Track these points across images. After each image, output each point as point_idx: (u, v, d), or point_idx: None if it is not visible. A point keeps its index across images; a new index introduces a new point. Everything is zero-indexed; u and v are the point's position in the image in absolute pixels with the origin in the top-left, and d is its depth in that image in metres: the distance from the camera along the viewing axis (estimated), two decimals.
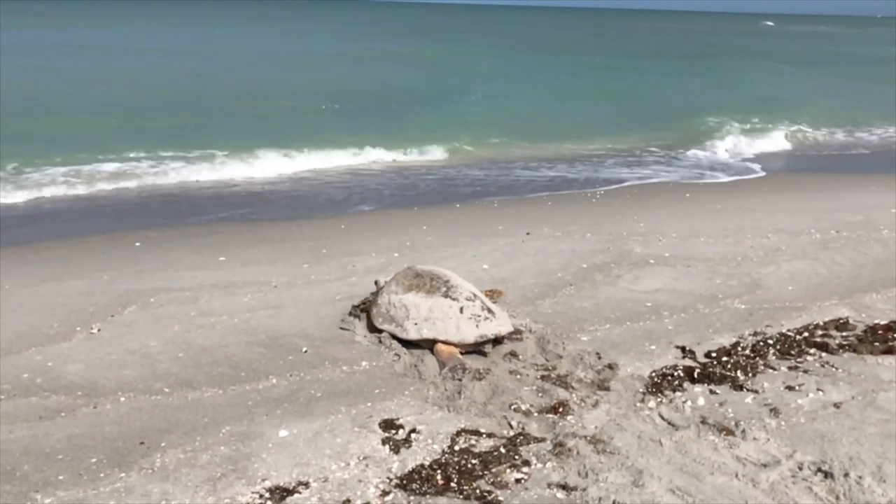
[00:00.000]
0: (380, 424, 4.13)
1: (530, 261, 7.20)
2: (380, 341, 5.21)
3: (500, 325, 5.03)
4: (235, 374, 4.78)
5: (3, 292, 6.33)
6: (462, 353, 4.94)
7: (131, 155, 12.56)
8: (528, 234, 8.26)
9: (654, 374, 4.72)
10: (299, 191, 11.29)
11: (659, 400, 4.36)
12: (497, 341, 5.05)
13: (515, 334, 5.16)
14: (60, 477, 3.65)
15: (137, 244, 7.99)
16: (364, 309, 5.57)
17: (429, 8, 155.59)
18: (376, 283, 5.70)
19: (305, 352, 5.11)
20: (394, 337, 5.12)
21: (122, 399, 4.44)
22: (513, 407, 4.29)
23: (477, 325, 4.93)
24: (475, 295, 5.15)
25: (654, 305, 6.00)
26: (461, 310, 4.97)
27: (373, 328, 5.30)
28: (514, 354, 5.01)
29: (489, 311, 5.05)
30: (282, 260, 7.35)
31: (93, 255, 7.54)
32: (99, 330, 5.44)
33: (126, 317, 5.72)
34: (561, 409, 4.24)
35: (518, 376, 4.70)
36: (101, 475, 3.66)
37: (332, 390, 4.56)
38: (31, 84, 20.43)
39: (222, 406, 4.37)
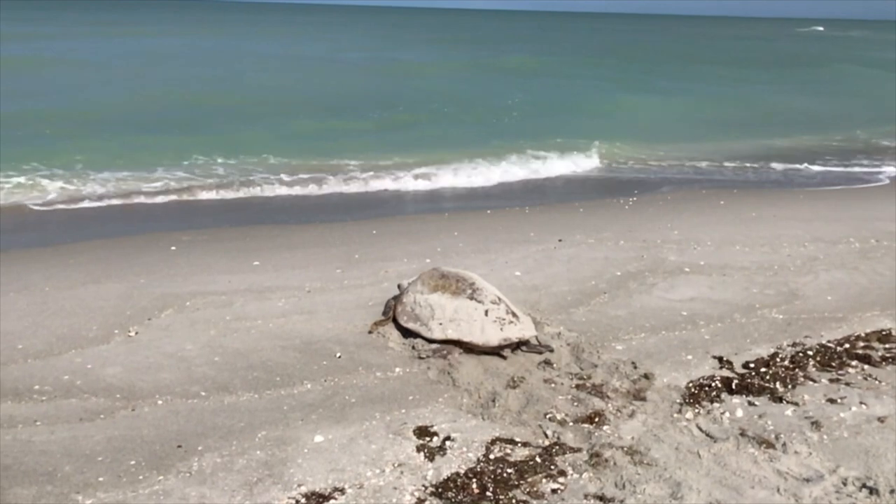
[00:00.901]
0: (414, 431, 4.12)
1: (563, 268, 7.15)
2: (413, 347, 5.22)
3: (523, 329, 5.06)
4: (271, 378, 4.81)
5: (44, 295, 6.44)
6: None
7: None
8: (560, 240, 8.22)
9: (691, 385, 4.66)
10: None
11: (696, 411, 4.30)
12: (520, 345, 5.08)
13: (544, 347, 5.17)
14: (100, 479, 3.69)
15: (173, 248, 8.08)
16: (389, 309, 5.64)
17: (446, 14, 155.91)
18: (399, 286, 5.73)
19: (339, 357, 5.12)
20: (418, 335, 5.18)
21: (160, 402, 4.49)
22: (548, 416, 4.26)
23: (501, 329, 4.98)
24: (500, 298, 5.19)
25: (689, 314, 5.93)
26: (486, 312, 5.03)
27: (398, 326, 5.38)
28: (548, 363, 4.98)
29: (514, 314, 5.10)
30: (314, 265, 7.39)
31: (129, 259, 7.64)
32: (136, 333, 5.51)
33: (163, 320, 5.79)
34: (597, 419, 4.20)
35: (553, 385, 4.66)
36: (140, 477, 3.70)
37: (366, 396, 4.57)
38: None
39: (258, 410, 4.40)
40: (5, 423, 4.24)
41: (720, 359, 5.05)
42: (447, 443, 4.00)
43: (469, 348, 5.05)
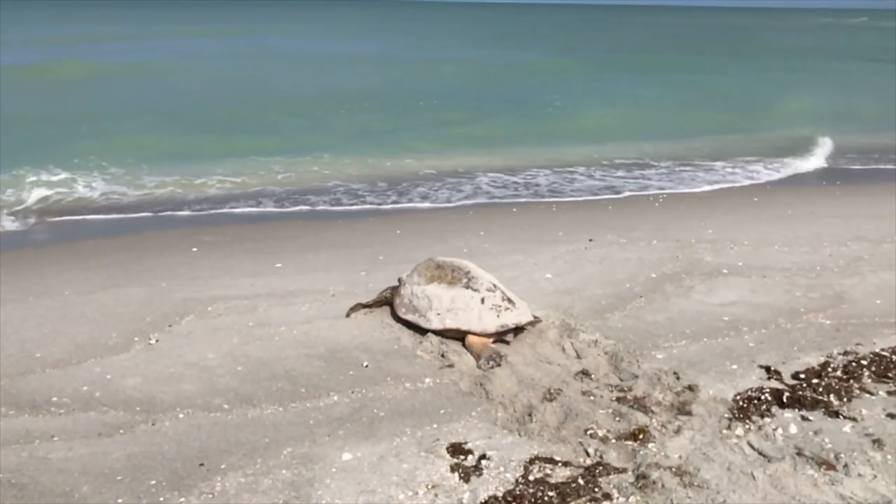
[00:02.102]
0: (447, 449, 3.90)
1: (595, 270, 6.90)
2: (442, 356, 5.01)
3: (520, 314, 5.12)
4: (296, 390, 4.61)
5: (64, 299, 6.30)
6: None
7: None
8: (590, 240, 7.96)
9: (738, 397, 4.39)
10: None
11: (747, 427, 4.04)
12: (518, 330, 5.15)
13: (536, 319, 5.29)
14: (119, 500, 3.51)
15: (194, 249, 7.93)
16: (385, 299, 5.69)
17: (448, 7, 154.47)
18: (399, 279, 5.68)
19: (366, 366, 4.92)
20: (416, 327, 5.27)
21: (181, 416, 4.31)
22: (588, 432, 4.02)
23: (498, 315, 5.04)
24: (495, 286, 5.24)
25: (731, 320, 5.65)
26: (482, 300, 5.10)
27: (396, 318, 5.47)
28: (585, 373, 4.74)
29: (510, 301, 5.16)
30: (337, 267, 7.19)
31: (150, 261, 7.49)
32: (157, 341, 5.34)
33: (184, 327, 5.62)
34: (641, 436, 3.96)
35: (591, 398, 4.42)
36: (161, 499, 3.52)
37: (395, 409, 4.36)
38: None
39: (283, 425, 4.20)
40: (22, 437, 4.09)
41: (767, 368, 4.78)
42: (483, 462, 3.77)
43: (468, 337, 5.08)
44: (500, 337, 5.10)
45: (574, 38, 52.63)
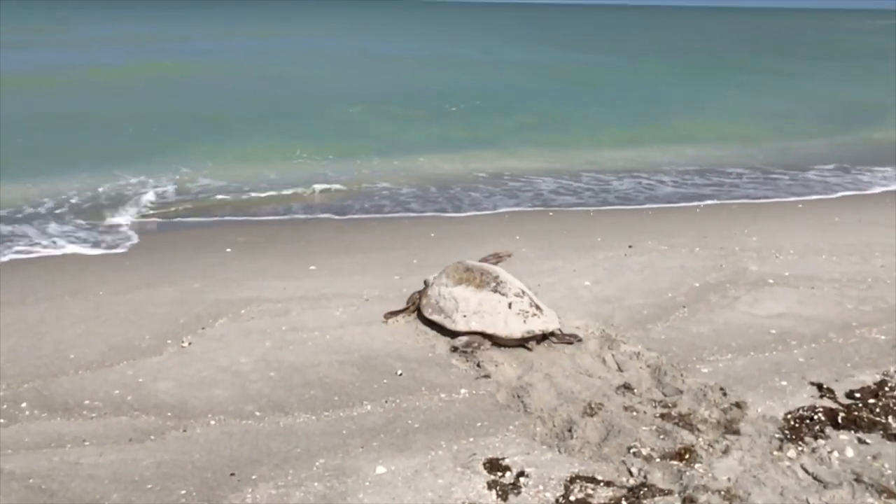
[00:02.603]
0: (484, 464, 3.76)
1: (636, 278, 6.70)
2: (478, 365, 4.88)
3: (546, 321, 5.09)
4: (329, 398, 4.51)
5: (98, 299, 6.29)
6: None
7: None
8: (630, 247, 7.75)
9: (789, 417, 4.18)
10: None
11: (800, 449, 3.84)
12: (546, 337, 5.12)
13: (571, 336, 5.22)
14: None
15: (228, 250, 7.89)
16: (413, 302, 5.66)
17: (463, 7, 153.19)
18: (426, 282, 5.70)
19: (400, 375, 4.80)
20: (442, 328, 5.25)
21: (213, 422, 4.23)
22: (632, 450, 3.86)
23: (524, 321, 5.02)
24: (524, 291, 5.22)
25: (779, 333, 5.43)
26: (510, 305, 5.08)
27: (423, 319, 5.45)
28: (627, 387, 4.57)
29: (537, 307, 5.13)
30: (372, 270, 7.09)
31: (184, 261, 7.48)
32: (190, 344, 5.28)
33: (217, 329, 5.56)
34: (687, 456, 3.78)
35: (634, 413, 4.25)
36: None
37: (430, 421, 4.23)
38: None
39: (315, 434, 4.10)
40: (54, 441, 4.04)
41: (819, 386, 4.56)
42: (521, 479, 3.63)
43: (494, 341, 5.07)
44: (523, 343, 5.06)
45: (628, 39, 51.51)
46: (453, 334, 5.16)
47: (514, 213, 9.96)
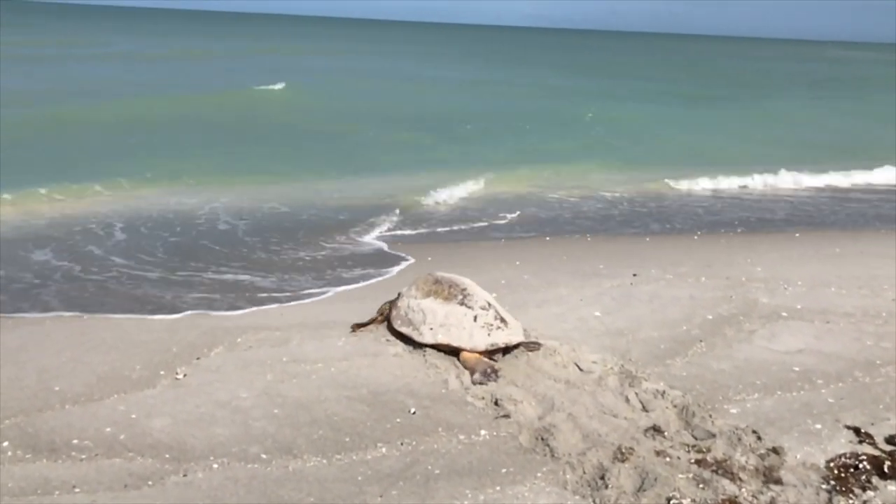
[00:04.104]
0: None
1: (646, 309, 6.48)
2: (496, 403, 4.60)
3: (510, 334, 5.18)
4: (339, 438, 4.19)
5: (83, 323, 5.92)
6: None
7: None
8: (634, 275, 7.55)
9: (832, 465, 3.96)
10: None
11: (850, 502, 3.61)
12: (508, 350, 5.21)
13: (534, 343, 5.33)
14: None
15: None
16: (384, 314, 5.72)
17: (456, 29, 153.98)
18: (399, 294, 5.71)
19: (414, 413, 4.50)
20: (410, 340, 5.32)
21: (215, 466, 3.89)
22: (672, 502, 3.59)
23: (489, 334, 5.12)
24: (489, 304, 5.30)
25: (803, 371, 5.23)
26: (475, 318, 5.17)
27: (391, 330, 5.54)
28: (656, 430, 4.32)
29: (502, 320, 5.22)
30: (369, 296, 6.79)
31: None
32: (184, 375, 4.94)
33: (213, 360, 5.22)
34: None
35: (667, 459, 3.99)
36: None
37: (451, 467, 3.93)
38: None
39: (328, 480, 3.78)
40: (40, 487, 3.68)
41: (857, 430, 4.34)
42: None
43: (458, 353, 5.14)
44: (489, 356, 5.13)
45: (670, 70, 49.80)
46: (420, 346, 5.27)
47: (510, 238, 9.73)
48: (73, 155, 13.83)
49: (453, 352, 5.17)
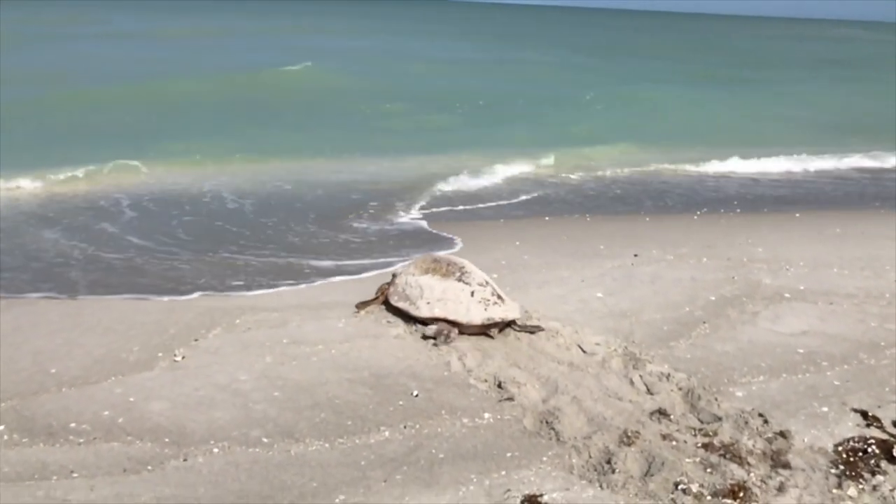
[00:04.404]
0: (522, 502, 3.42)
1: (648, 290, 6.42)
2: (499, 386, 4.54)
3: (507, 310, 5.21)
4: (341, 422, 4.13)
5: (78, 304, 5.83)
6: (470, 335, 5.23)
7: None
8: (635, 255, 7.49)
9: (840, 449, 3.92)
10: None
11: (860, 486, 3.57)
12: (505, 325, 5.26)
13: (534, 327, 5.33)
14: None
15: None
16: (384, 292, 5.74)
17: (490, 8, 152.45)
18: (394, 273, 5.83)
19: (416, 396, 4.44)
20: (407, 314, 5.36)
21: (216, 450, 3.83)
22: (680, 486, 3.55)
23: (485, 309, 5.15)
24: (487, 282, 5.37)
25: (807, 353, 5.18)
26: (472, 293, 5.21)
27: (388, 307, 5.59)
28: (662, 413, 4.27)
29: (499, 297, 5.26)
30: (371, 279, 6.71)
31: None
32: (183, 357, 4.86)
33: (211, 341, 5.14)
34: (741, 494, 3.48)
35: (674, 443, 3.95)
36: None
37: (456, 450, 3.88)
38: None
39: (331, 465, 3.73)
40: (38, 472, 3.61)
41: (864, 413, 4.30)
42: None
43: (458, 328, 5.18)
44: (485, 330, 5.20)
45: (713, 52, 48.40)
46: (417, 320, 5.30)
47: (509, 218, 9.64)
48: (88, 136, 13.63)
49: (450, 326, 5.20)
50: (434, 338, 5.11)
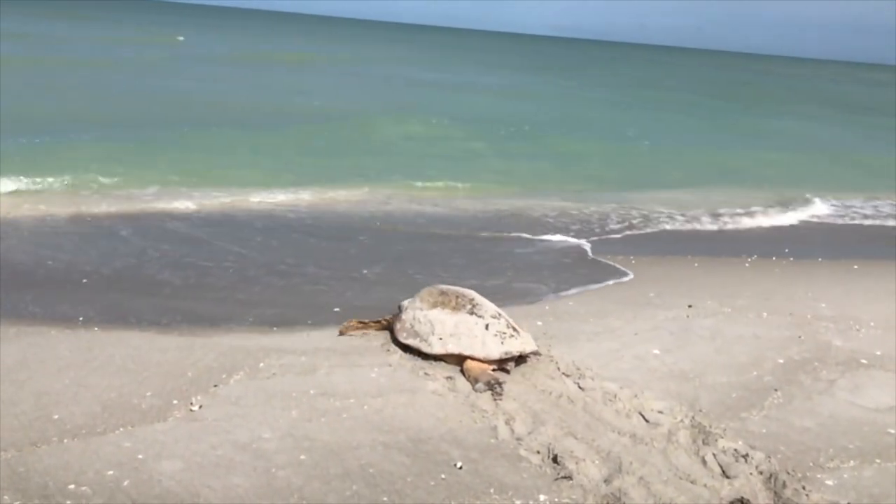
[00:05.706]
0: None
1: (708, 348, 5.86)
2: (554, 459, 4.00)
3: (524, 343, 5.07)
4: (376, 497, 3.61)
5: (90, 337, 5.39)
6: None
7: None
8: (689, 306, 6.93)
9: None
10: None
11: None
12: (521, 359, 5.09)
13: (533, 352, 5.16)
14: None
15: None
16: (384, 324, 5.55)
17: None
18: (399, 306, 5.48)
19: (460, 468, 3.92)
20: (417, 352, 5.12)
21: None
22: None
23: (502, 342, 4.98)
24: (499, 314, 5.20)
25: None
26: (486, 326, 5.04)
27: (396, 342, 5.32)
28: (743, 503, 3.71)
29: (514, 329, 5.11)
30: None
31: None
32: (200, 407, 4.38)
33: (232, 388, 4.66)
34: None
35: None
36: None
37: None
38: None
39: None
40: None
41: None
42: None
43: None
44: (501, 365, 4.99)
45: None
46: (429, 358, 5.07)
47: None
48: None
49: (462, 363, 5.01)
50: (490, 390, 4.69)
